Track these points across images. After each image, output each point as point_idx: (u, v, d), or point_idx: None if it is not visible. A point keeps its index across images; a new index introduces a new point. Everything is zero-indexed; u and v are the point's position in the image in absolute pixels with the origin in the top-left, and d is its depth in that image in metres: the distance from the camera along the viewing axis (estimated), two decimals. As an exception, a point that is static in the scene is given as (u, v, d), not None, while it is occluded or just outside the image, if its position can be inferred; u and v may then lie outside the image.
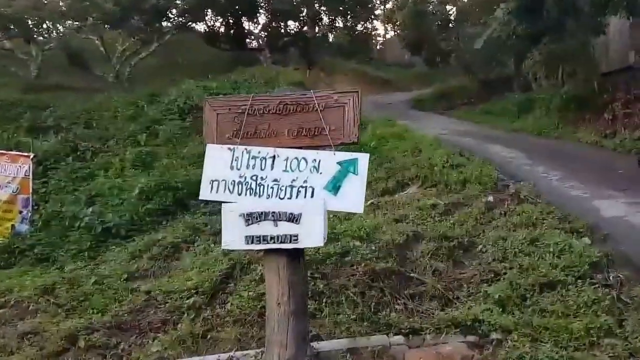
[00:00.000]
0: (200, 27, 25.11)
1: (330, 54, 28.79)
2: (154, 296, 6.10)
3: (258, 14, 24.59)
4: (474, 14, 29.89)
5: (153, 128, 15.12)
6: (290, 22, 25.50)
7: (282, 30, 25.82)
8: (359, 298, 5.13)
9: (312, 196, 3.85)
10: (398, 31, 39.00)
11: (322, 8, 24.40)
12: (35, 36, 23.31)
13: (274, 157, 3.93)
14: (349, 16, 25.01)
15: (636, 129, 12.14)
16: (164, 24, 22.48)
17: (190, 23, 23.61)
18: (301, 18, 25.36)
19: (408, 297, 5.20)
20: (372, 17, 28.94)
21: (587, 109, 14.68)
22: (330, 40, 26.40)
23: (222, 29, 25.07)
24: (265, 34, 25.38)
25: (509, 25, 14.48)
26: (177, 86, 17.78)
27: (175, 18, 22.64)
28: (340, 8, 23.88)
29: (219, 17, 24.32)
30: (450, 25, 29.47)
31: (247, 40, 26.13)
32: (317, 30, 26.38)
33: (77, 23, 22.64)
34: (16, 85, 20.68)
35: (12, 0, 22.30)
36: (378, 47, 44.39)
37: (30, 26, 22.96)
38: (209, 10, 23.26)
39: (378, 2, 39.19)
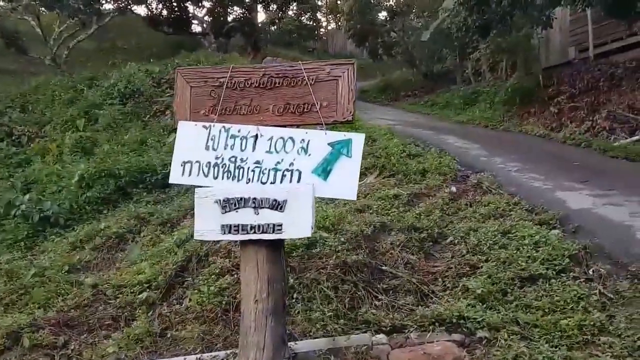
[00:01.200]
0: (142, 9, 24.04)
1: (275, 42, 28.31)
2: (102, 290, 5.63)
3: (203, -1, 23.80)
4: (418, 6, 30.08)
5: (93, 113, 14.52)
6: (236, 8, 24.76)
7: (228, 16, 25.01)
8: (332, 293, 4.79)
9: (298, 181, 3.46)
10: (341, 22, 38.88)
11: (269, -5, 23.84)
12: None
13: (256, 136, 3.51)
14: (295, 4, 24.46)
15: (583, 123, 12.34)
16: (104, 5, 21.41)
17: (131, 5, 22.53)
18: (247, 4, 24.67)
19: (383, 292, 4.91)
20: (317, 6, 28.64)
21: (533, 102, 14.93)
22: (276, 28, 25.79)
23: (164, 12, 24.06)
24: (210, 18, 24.52)
25: (459, 17, 14.46)
26: (118, 70, 16.96)
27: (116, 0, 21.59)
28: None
29: (161, 0, 23.35)
30: (394, 18, 29.49)
31: (191, 23, 25.21)
32: (263, 18, 25.82)
33: (12, 3, 21.38)
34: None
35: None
36: (321, 37, 44.14)
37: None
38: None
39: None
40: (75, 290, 5.76)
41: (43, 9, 20.78)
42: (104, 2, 21.32)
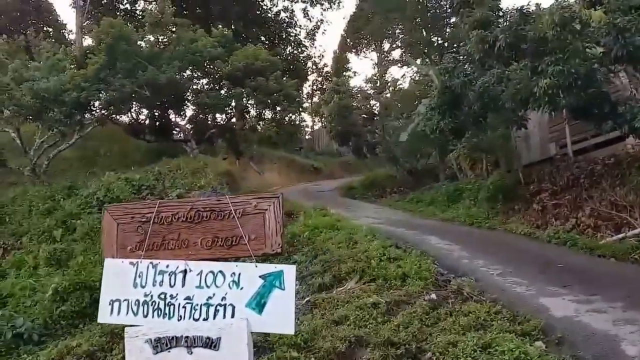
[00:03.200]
0: (124, 118, 24.54)
1: (259, 144, 28.84)
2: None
3: (185, 107, 24.34)
4: (397, 108, 31.10)
5: (70, 223, 14.38)
6: (217, 115, 25.35)
7: (210, 122, 25.58)
8: None
9: (232, 316, 3.24)
10: (325, 123, 40.14)
11: (250, 102, 24.48)
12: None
13: (185, 271, 3.34)
14: (276, 109, 25.17)
15: (567, 220, 12.15)
16: (86, 115, 21.76)
17: (113, 115, 23.00)
18: (228, 111, 25.30)
19: None
20: (300, 109, 29.65)
21: (515, 199, 14.84)
22: (259, 131, 26.39)
23: (147, 122, 24.58)
24: (192, 126, 25.02)
25: (432, 120, 14.73)
26: (97, 178, 16.93)
27: (98, 110, 22.00)
28: (268, 101, 24.01)
29: (143, 110, 23.94)
30: (375, 118, 30.40)
31: (173, 132, 25.69)
32: (244, 122, 26.37)
33: None
34: None
35: None
36: (306, 136, 45.22)
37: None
38: (134, 103, 22.81)
39: (305, 96, 40.45)
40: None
41: (24, 117, 21.01)
42: (85, 112, 21.65)
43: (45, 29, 36.97)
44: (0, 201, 17.01)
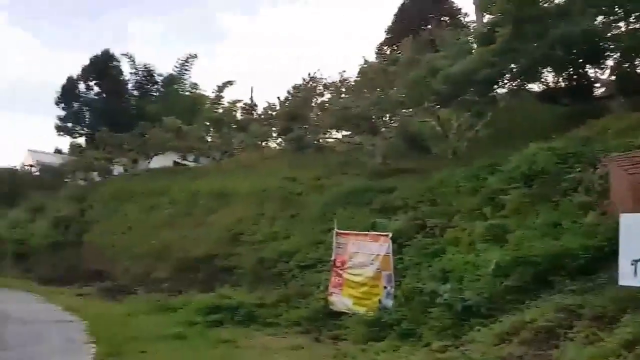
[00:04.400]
0: (536, 86, 23.68)
1: None
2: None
3: (604, 59, 21.80)
4: None
5: (497, 199, 14.44)
6: (647, 58, 21.95)
7: (638, 70, 22.30)
8: None
9: None
10: None
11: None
12: (378, 127, 25.82)
13: None
14: None
15: None
16: (498, 91, 21.88)
17: (524, 85, 22.43)
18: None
19: None
20: None
21: None
22: None
23: (560, 84, 23.08)
24: (614, 77, 22.28)
25: None
26: (518, 152, 16.64)
27: (509, 82, 21.78)
28: None
29: (557, 72, 22.46)
30: None
31: (593, 88, 23.41)
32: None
33: (412, 109, 24.40)
34: (365, 173, 23.25)
35: (357, 100, 25.74)
36: None
37: (374, 119, 25.71)
38: (547, 67, 21.68)
39: None
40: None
41: (439, 105, 22.44)
42: (497, 87, 21.77)
43: (442, 18, 39.03)
44: (428, 185, 18.34)
